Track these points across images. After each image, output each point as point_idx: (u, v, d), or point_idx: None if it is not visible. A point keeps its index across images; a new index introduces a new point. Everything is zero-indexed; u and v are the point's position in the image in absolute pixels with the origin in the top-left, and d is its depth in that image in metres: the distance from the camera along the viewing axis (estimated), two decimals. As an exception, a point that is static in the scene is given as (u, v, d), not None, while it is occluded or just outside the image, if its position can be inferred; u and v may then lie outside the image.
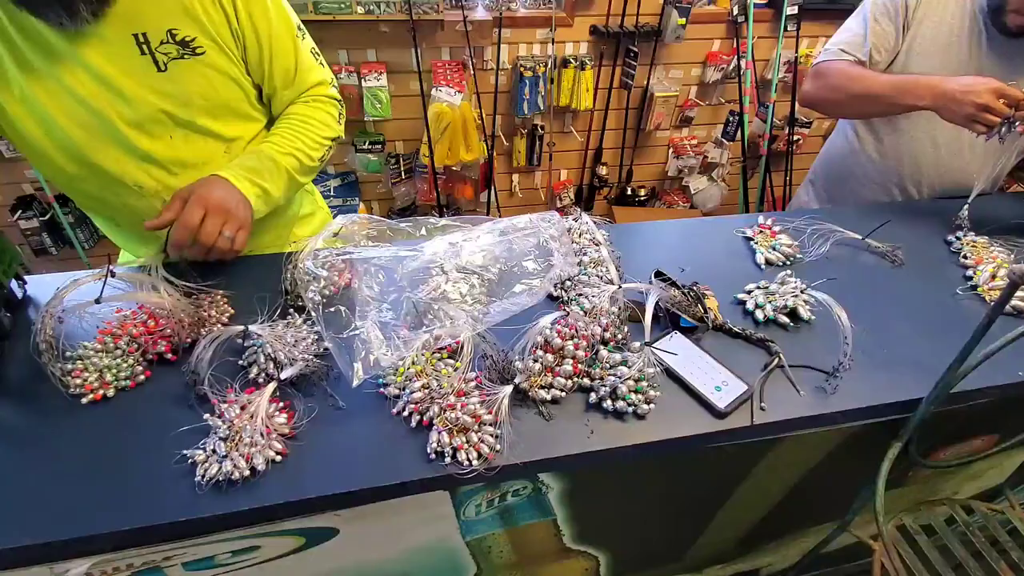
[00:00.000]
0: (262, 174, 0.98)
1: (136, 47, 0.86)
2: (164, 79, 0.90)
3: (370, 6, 2.16)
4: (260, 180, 0.97)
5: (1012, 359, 0.89)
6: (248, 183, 0.95)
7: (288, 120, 1.05)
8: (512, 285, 0.91)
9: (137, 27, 0.85)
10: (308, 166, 1.05)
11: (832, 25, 2.74)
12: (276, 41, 0.99)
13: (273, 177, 0.99)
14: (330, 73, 1.12)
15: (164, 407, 0.76)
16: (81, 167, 0.94)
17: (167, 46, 0.88)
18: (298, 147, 1.03)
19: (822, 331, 0.94)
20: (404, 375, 0.79)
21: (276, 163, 0.99)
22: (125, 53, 0.86)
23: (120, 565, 0.71)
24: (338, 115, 1.11)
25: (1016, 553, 1.10)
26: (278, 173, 1.00)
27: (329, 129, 1.08)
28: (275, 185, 1.00)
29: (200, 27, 0.89)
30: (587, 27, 2.54)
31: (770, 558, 1.38)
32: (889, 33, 1.28)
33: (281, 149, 1.01)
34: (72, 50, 0.84)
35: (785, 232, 1.15)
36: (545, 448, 0.74)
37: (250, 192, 0.95)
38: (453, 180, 2.73)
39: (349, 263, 0.91)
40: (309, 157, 1.04)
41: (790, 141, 2.90)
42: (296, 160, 1.02)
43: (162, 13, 0.86)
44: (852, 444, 0.97)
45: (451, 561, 0.96)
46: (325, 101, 1.09)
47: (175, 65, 0.89)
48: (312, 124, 1.06)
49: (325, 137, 1.08)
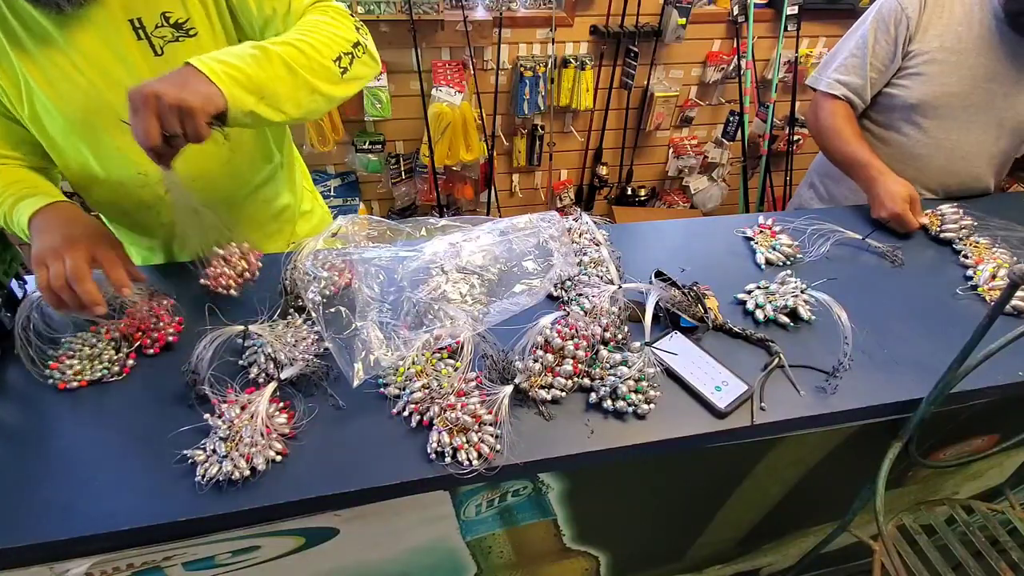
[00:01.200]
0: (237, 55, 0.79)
1: (132, 32, 0.86)
2: (162, 63, 0.88)
3: (370, 6, 2.16)
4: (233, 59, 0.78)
5: (1012, 359, 0.88)
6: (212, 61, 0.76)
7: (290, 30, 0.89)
8: (512, 285, 0.91)
9: (132, 12, 0.85)
10: (318, 63, 0.85)
11: (832, 25, 2.75)
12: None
13: (255, 61, 0.79)
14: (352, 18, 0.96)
15: (164, 406, 0.76)
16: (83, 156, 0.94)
17: (162, 29, 0.87)
18: (299, 39, 0.85)
19: (822, 331, 0.94)
20: (404, 375, 0.79)
21: (266, 52, 0.81)
22: (122, 39, 0.86)
23: (120, 565, 0.71)
24: (355, 26, 0.95)
25: (1016, 553, 1.10)
26: (266, 59, 0.80)
27: (344, 31, 0.91)
28: (257, 67, 0.79)
29: (191, 7, 0.88)
30: (587, 27, 2.54)
31: (770, 558, 1.38)
32: (887, 51, 1.29)
33: (272, 40, 0.84)
34: (69, 37, 0.83)
35: (785, 232, 1.15)
36: (545, 448, 0.74)
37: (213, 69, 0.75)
38: (453, 180, 2.73)
39: (349, 263, 0.91)
40: (318, 52, 0.85)
41: (790, 141, 2.90)
42: (295, 50, 0.83)
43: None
44: (852, 444, 0.97)
45: (451, 561, 0.96)
46: (337, 11, 0.94)
47: (171, 48, 0.88)
48: (319, 25, 0.88)
49: (336, 35, 0.89)
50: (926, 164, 1.35)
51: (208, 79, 0.74)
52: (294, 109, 0.84)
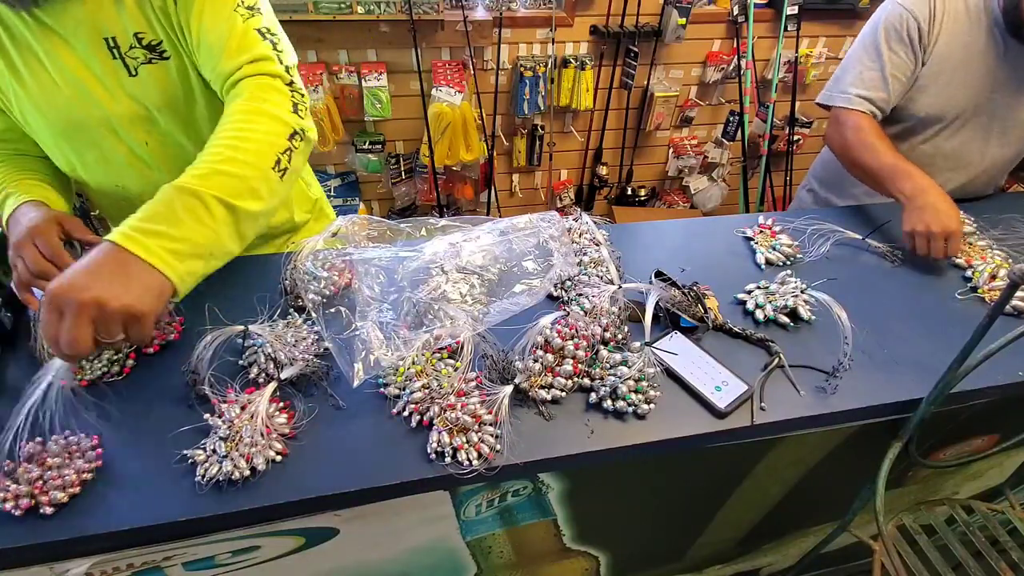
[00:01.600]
0: (169, 218, 0.68)
1: (107, 51, 0.85)
2: (135, 83, 0.88)
3: (370, 6, 2.16)
4: (167, 228, 0.67)
5: (1012, 359, 0.88)
6: (143, 236, 0.65)
7: (219, 127, 0.79)
8: (512, 285, 0.91)
9: (106, 31, 0.84)
10: (257, 179, 0.76)
11: (832, 25, 2.74)
12: (208, 17, 0.83)
13: (193, 217, 0.69)
14: (289, 57, 0.89)
15: (164, 406, 0.76)
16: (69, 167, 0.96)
17: (135, 51, 0.86)
18: (233, 158, 0.75)
19: (822, 331, 0.94)
20: (404, 375, 0.79)
21: (199, 196, 0.70)
22: (98, 57, 0.85)
23: (120, 565, 0.71)
24: (292, 105, 0.84)
25: (1016, 553, 1.10)
26: (204, 209, 0.70)
27: (280, 123, 0.81)
28: (199, 226, 0.70)
29: (162, 30, 0.86)
30: (587, 27, 2.54)
31: (770, 558, 1.38)
32: (907, 61, 1.23)
33: (197, 176, 0.72)
34: (50, 52, 0.84)
35: (785, 232, 1.15)
36: (545, 448, 0.74)
37: (147, 249, 0.65)
38: (453, 180, 2.73)
39: (349, 263, 0.91)
40: (255, 167, 0.76)
41: (790, 141, 2.90)
42: (232, 178, 0.73)
43: (127, 17, 0.84)
44: (852, 444, 0.97)
45: (451, 561, 0.96)
46: (274, 87, 0.84)
47: (144, 70, 0.88)
48: (251, 125, 0.79)
49: (273, 133, 0.80)
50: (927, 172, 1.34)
51: (150, 266, 0.64)
52: (240, 246, 0.77)
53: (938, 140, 1.31)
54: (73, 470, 0.66)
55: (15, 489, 0.64)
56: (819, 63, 2.85)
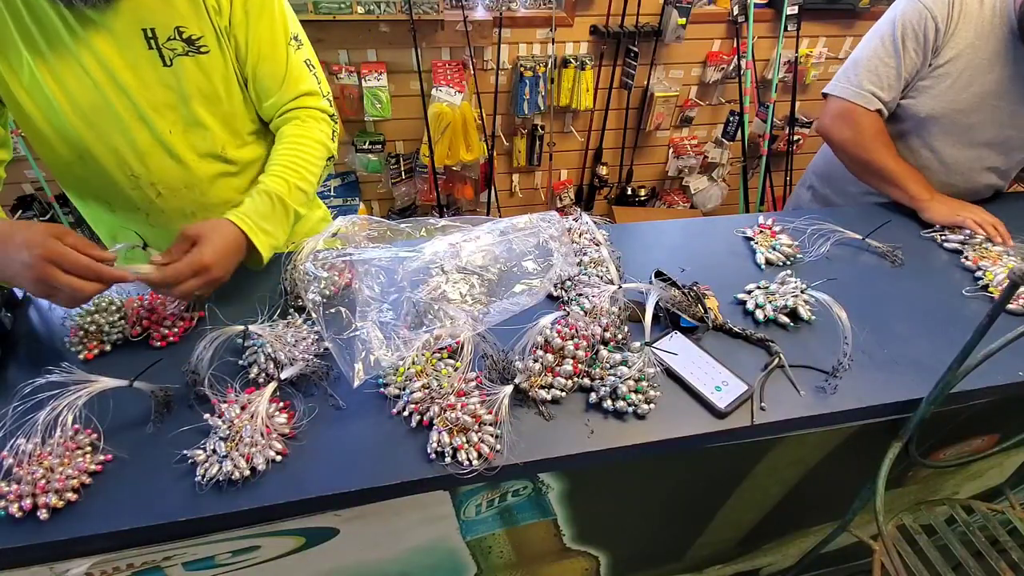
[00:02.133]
0: (273, 220, 0.95)
1: (144, 41, 0.88)
2: (168, 73, 0.92)
3: (370, 6, 2.16)
4: (272, 227, 0.95)
5: (1012, 359, 0.89)
6: (263, 235, 0.92)
7: (286, 147, 1.02)
8: (512, 285, 0.91)
9: (147, 22, 0.87)
10: (308, 195, 1.04)
11: (832, 25, 2.74)
12: (267, 46, 0.98)
13: (283, 221, 0.98)
14: (326, 87, 1.09)
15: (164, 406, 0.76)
16: (76, 153, 0.96)
17: (174, 42, 0.90)
18: (301, 176, 1.01)
19: (822, 331, 0.94)
20: (404, 375, 0.79)
21: (285, 206, 0.97)
22: (133, 46, 0.88)
23: (120, 565, 0.71)
24: (331, 132, 1.08)
25: (1016, 553, 1.10)
26: (286, 216, 0.98)
27: (325, 149, 1.06)
28: (283, 228, 0.98)
29: (206, 27, 0.91)
30: (587, 27, 2.54)
31: (770, 558, 1.38)
32: (915, 61, 1.22)
33: (285, 186, 0.98)
34: (82, 39, 0.86)
35: (785, 232, 1.15)
36: (545, 448, 0.74)
37: (264, 245, 0.92)
38: (453, 180, 2.73)
39: (349, 263, 0.91)
40: (310, 184, 1.03)
41: (790, 141, 2.90)
42: (302, 193, 1.01)
43: (171, 11, 0.88)
44: (852, 444, 0.97)
45: (451, 561, 0.96)
46: (319, 118, 1.06)
47: (180, 61, 0.92)
48: (308, 148, 1.03)
49: (321, 158, 1.06)
50: (925, 176, 1.33)
51: (259, 254, 0.90)
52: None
53: (933, 142, 1.30)
54: (74, 470, 0.67)
55: (16, 489, 0.64)
56: (819, 63, 2.85)
